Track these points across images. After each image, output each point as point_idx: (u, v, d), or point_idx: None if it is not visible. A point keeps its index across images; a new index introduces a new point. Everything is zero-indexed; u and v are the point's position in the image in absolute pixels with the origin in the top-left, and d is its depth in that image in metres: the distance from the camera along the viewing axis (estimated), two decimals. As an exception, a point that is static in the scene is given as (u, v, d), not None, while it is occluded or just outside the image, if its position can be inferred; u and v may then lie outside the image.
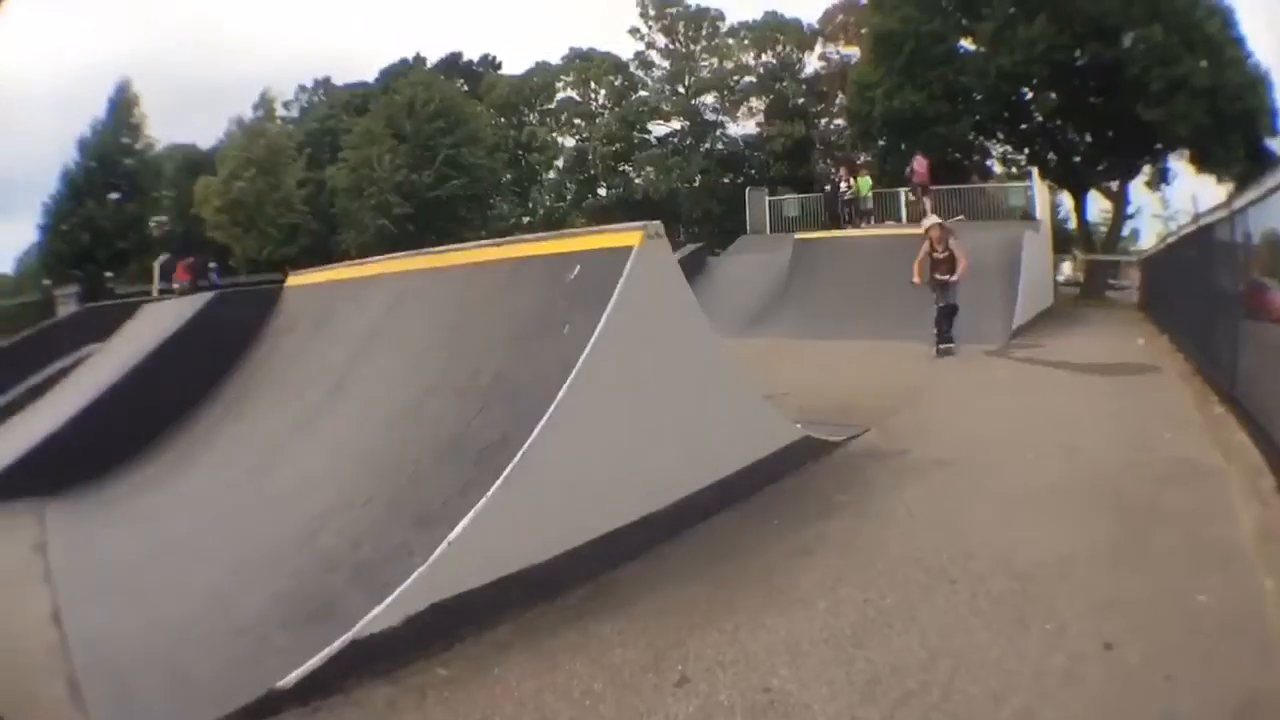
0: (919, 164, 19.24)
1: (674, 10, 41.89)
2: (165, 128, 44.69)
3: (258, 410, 6.16)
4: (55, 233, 39.32)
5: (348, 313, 6.47)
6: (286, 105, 41.99)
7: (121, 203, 38.20)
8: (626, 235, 4.27)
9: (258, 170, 34.78)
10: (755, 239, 20.26)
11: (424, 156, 35.61)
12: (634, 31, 42.08)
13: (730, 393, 4.70)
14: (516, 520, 3.41)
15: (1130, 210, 29.10)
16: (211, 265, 25.70)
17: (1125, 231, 32.04)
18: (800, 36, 40.69)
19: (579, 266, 4.30)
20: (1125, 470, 5.08)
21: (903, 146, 23.97)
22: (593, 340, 3.80)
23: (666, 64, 42.05)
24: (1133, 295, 20.88)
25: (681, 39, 42.12)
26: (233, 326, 7.27)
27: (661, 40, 42.10)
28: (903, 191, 20.57)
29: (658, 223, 4.37)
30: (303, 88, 45.19)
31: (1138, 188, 27.39)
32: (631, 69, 42.47)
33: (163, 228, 16.91)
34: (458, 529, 3.25)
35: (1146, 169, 25.76)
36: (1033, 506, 4.58)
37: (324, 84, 47.61)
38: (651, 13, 41.84)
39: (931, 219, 11.57)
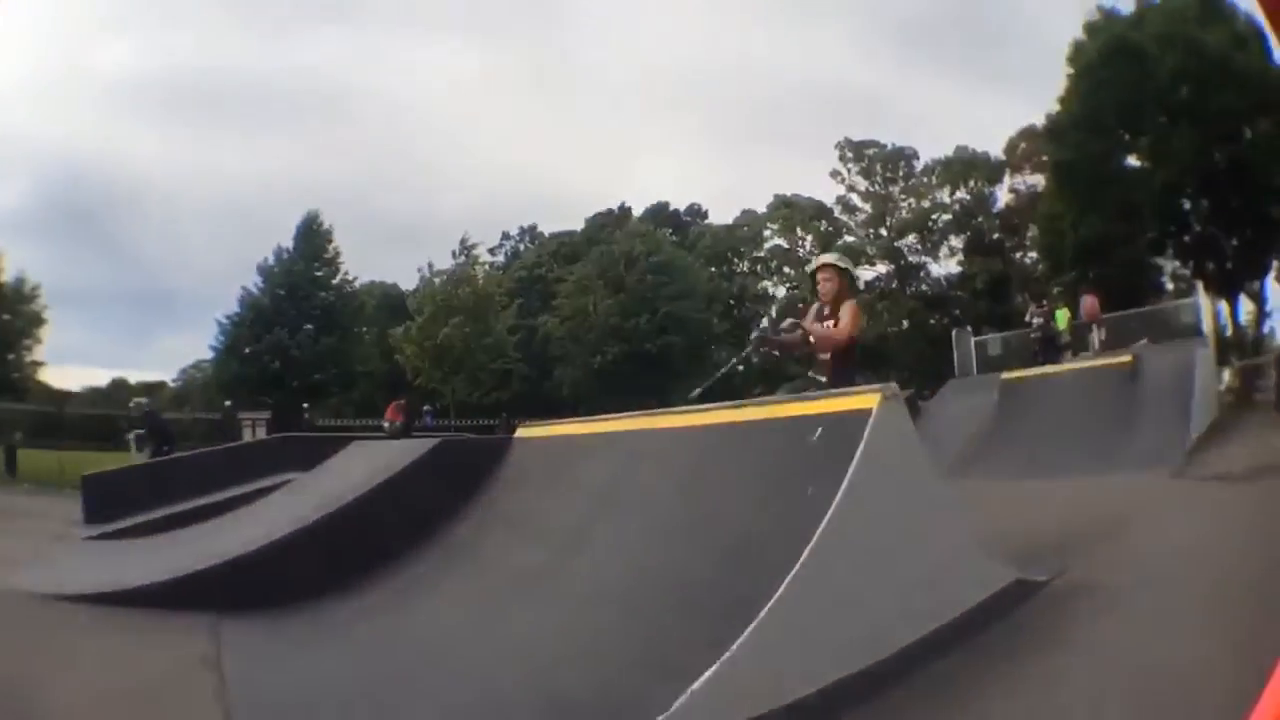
0: (1088, 302, 19.91)
1: (871, 151, 43.82)
2: (356, 262, 47.25)
3: (485, 558, 6.30)
4: (234, 355, 43.36)
5: (582, 468, 6.67)
6: (492, 251, 44.70)
7: (315, 335, 41.68)
8: (865, 398, 4.50)
9: (465, 316, 36.89)
10: (963, 381, 21.00)
11: (640, 306, 37.99)
12: (835, 174, 44.43)
13: (952, 541, 4.77)
14: (757, 672, 3.48)
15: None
16: (426, 408, 27.62)
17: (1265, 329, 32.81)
18: (989, 169, 42.12)
19: (820, 429, 4.51)
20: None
21: (1090, 275, 25.44)
22: (836, 501, 3.95)
23: (867, 206, 43.91)
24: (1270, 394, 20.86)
25: (880, 180, 44.07)
26: (460, 472, 7.56)
27: (862, 183, 44.25)
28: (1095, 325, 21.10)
29: (893, 385, 4.57)
30: (506, 234, 48.53)
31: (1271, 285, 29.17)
32: (836, 213, 44.54)
33: (141, 408, 19.78)
34: (701, 680, 3.29)
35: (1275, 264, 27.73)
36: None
37: (530, 231, 50.99)
38: (849, 155, 43.90)
39: (825, 257, 7.35)
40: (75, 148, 69.15)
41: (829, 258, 6.99)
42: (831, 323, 6.52)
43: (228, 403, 31.22)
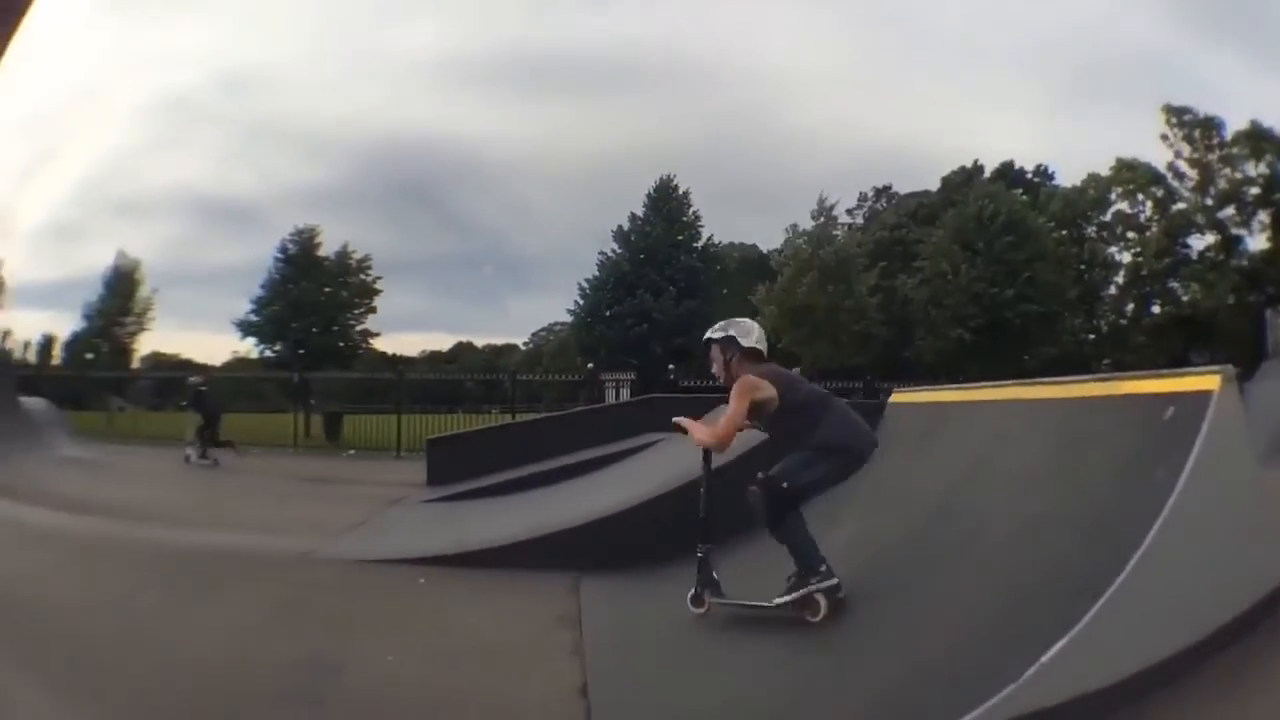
0: None
1: (1188, 117, 42.98)
2: (715, 226, 50.24)
3: (852, 523, 6.68)
4: (596, 318, 46.48)
5: (951, 436, 7.06)
6: (850, 212, 45.97)
7: (678, 298, 43.87)
8: (1204, 378, 4.74)
9: (825, 277, 38.72)
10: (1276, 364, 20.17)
11: (998, 271, 38.29)
12: (1164, 138, 43.95)
13: (1265, 525, 4.88)
14: (1101, 649, 3.80)
15: None
16: (794, 370, 28.47)
17: None
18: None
19: (1172, 408, 4.77)
20: None
21: None
22: (1181, 481, 4.24)
23: (1194, 174, 43.26)
24: None
25: (1200, 146, 43.18)
26: None
27: (1186, 149, 43.50)
28: None
29: (1229, 367, 4.76)
30: (864, 195, 48.82)
31: None
32: (1168, 180, 43.95)
33: (193, 387, 21.05)
34: (1051, 651, 3.64)
35: None
36: None
37: (885, 191, 51.14)
38: (1174, 120, 43.25)
39: (711, 331, 6.26)
40: (410, 127, 77.70)
41: (711, 332, 6.25)
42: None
43: (590, 364, 33.41)
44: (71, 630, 5.66)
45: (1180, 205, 43.48)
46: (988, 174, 48.49)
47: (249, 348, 45.77)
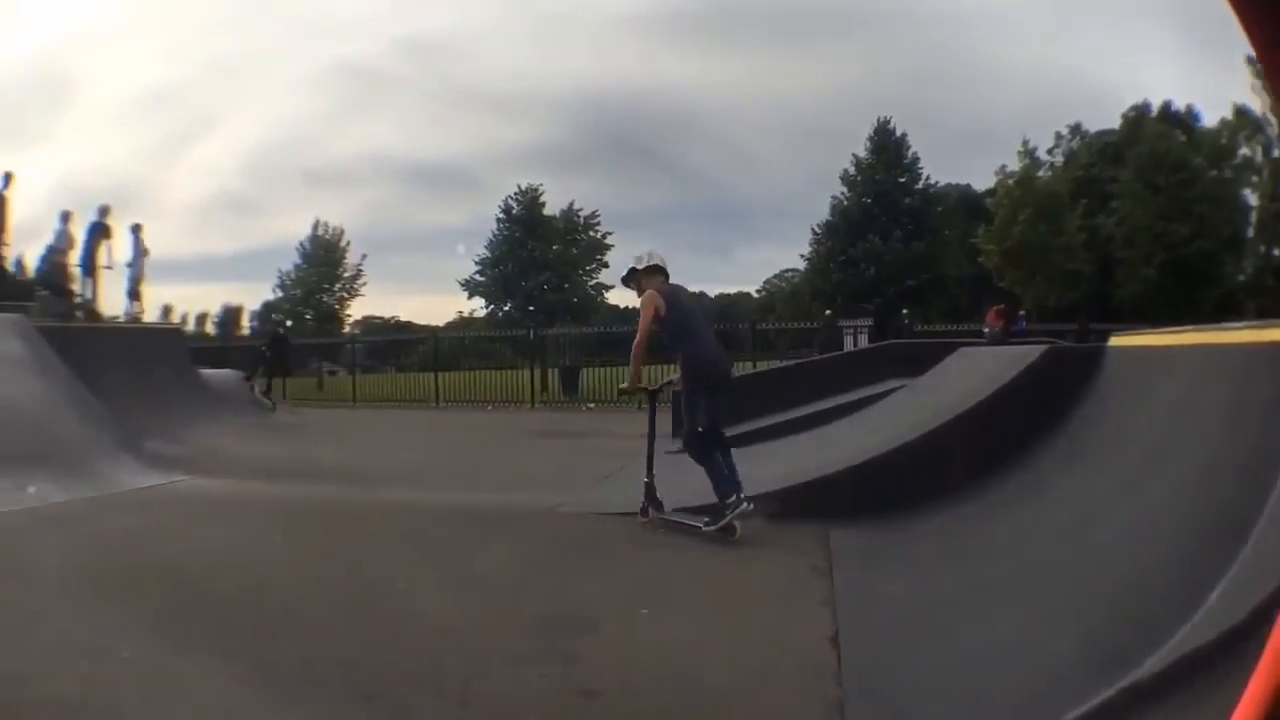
0: None
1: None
2: (929, 166, 48.90)
3: (1079, 468, 6.55)
4: (830, 263, 45.98)
5: (1167, 382, 6.73)
6: (1050, 151, 44.26)
7: (905, 240, 42.89)
8: None
9: (1037, 216, 38.17)
10: None
11: (1174, 208, 37.95)
12: (1253, 89, 40.00)
13: None
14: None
15: None
16: (1021, 313, 27.84)
17: None
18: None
19: None
20: None
21: None
22: None
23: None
24: None
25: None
26: (1063, 380, 7.79)
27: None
28: None
29: None
30: (1060, 134, 46.55)
31: None
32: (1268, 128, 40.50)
33: (271, 334, 20.71)
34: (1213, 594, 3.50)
35: None
36: None
37: (1077, 130, 48.62)
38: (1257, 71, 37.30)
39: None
40: (619, 81, 77.99)
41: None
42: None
43: (828, 311, 33.07)
44: (308, 599, 5.86)
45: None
46: (1154, 113, 46.11)
47: (476, 307, 47.32)
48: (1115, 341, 8.32)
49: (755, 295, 69.20)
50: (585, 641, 4.89)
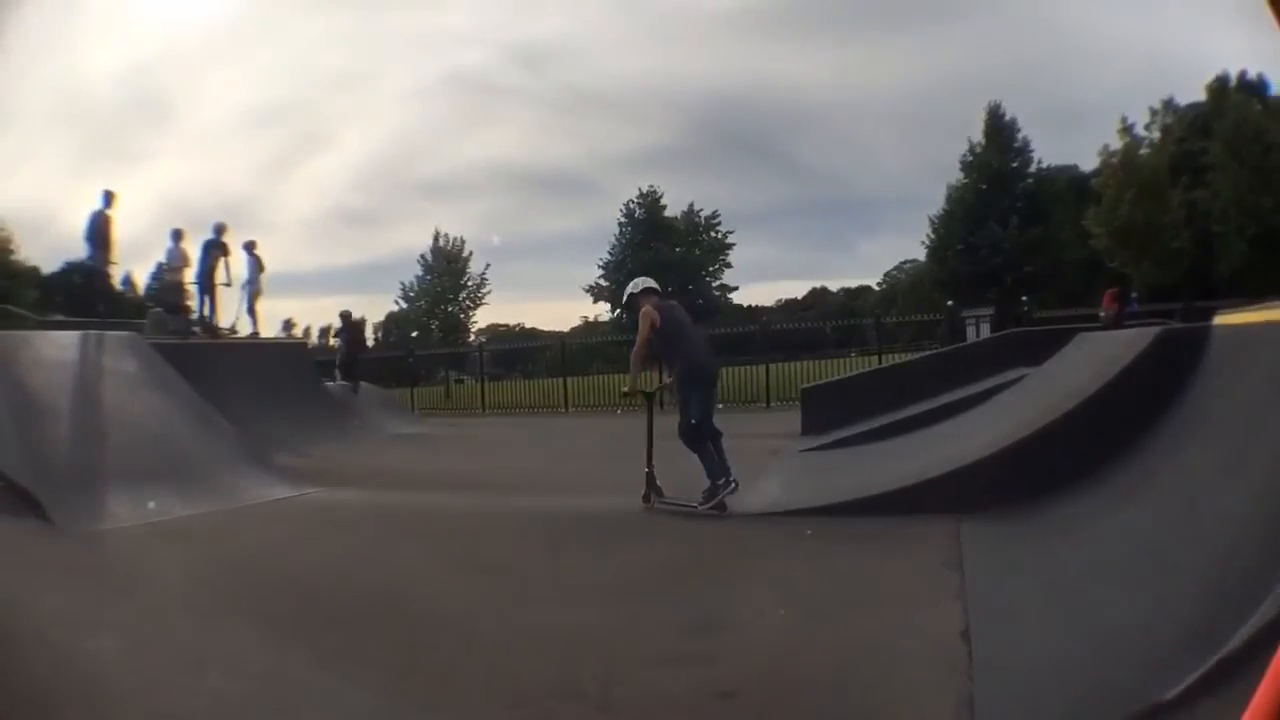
0: None
1: None
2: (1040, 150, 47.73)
3: (1188, 451, 6.35)
4: (949, 251, 44.97)
5: (1264, 356, 6.48)
6: (1147, 128, 42.53)
7: (1021, 225, 41.69)
8: None
9: (1140, 195, 36.99)
10: None
11: (1259, 181, 36.40)
12: None
13: None
14: None
15: None
16: (1133, 295, 27.02)
17: None
18: None
19: None
20: None
21: None
22: None
23: None
24: None
25: None
26: (1177, 363, 7.55)
27: None
28: None
29: None
30: (1154, 110, 44.63)
31: None
32: None
33: (349, 317, 20.22)
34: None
35: None
36: None
37: (1169, 105, 46.51)
38: None
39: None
40: (729, 79, 77.17)
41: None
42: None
43: (950, 302, 32.60)
44: (444, 608, 5.88)
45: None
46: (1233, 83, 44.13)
47: (600, 312, 47.62)
48: (1219, 320, 8.11)
49: (877, 288, 68.20)
50: (722, 642, 4.89)
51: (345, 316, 22.49)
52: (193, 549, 7.70)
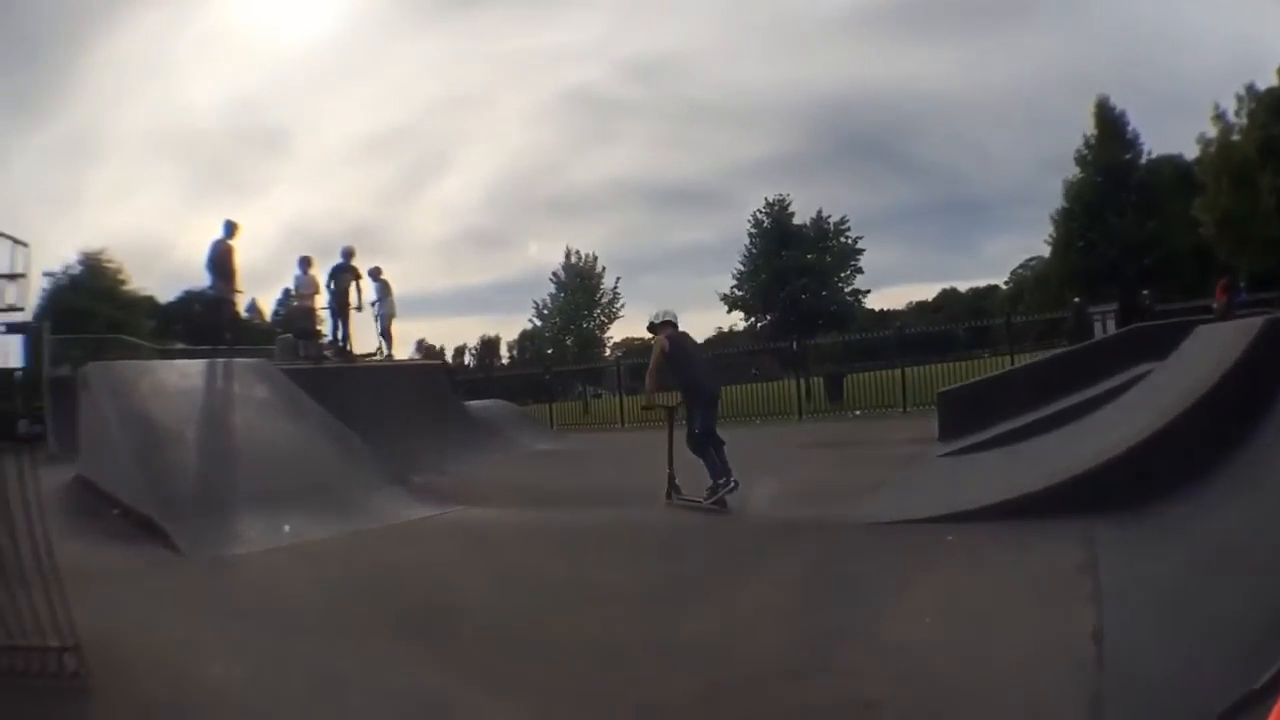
0: None
1: None
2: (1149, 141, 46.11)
3: None
4: (1069, 248, 43.27)
5: None
6: (1236, 114, 40.31)
7: (1138, 219, 40.36)
8: None
9: (1234, 182, 35.77)
10: None
11: None
12: None
13: None
14: None
15: None
16: (1241, 285, 25.86)
17: None
18: None
19: None
20: None
21: None
22: None
23: None
24: None
25: None
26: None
27: None
28: None
29: None
30: (1239, 96, 42.21)
31: None
32: None
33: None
34: None
35: None
36: None
37: (1251, 90, 43.81)
38: None
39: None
40: (842, 83, 75.96)
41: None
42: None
43: (1077, 299, 31.64)
44: (586, 624, 5.89)
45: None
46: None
47: (735, 321, 46.94)
48: None
49: (1004, 287, 66.48)
50: (865, 652, 4.86)
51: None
52: (326, 570, 7.74)
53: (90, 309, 34.33)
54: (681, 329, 10.41)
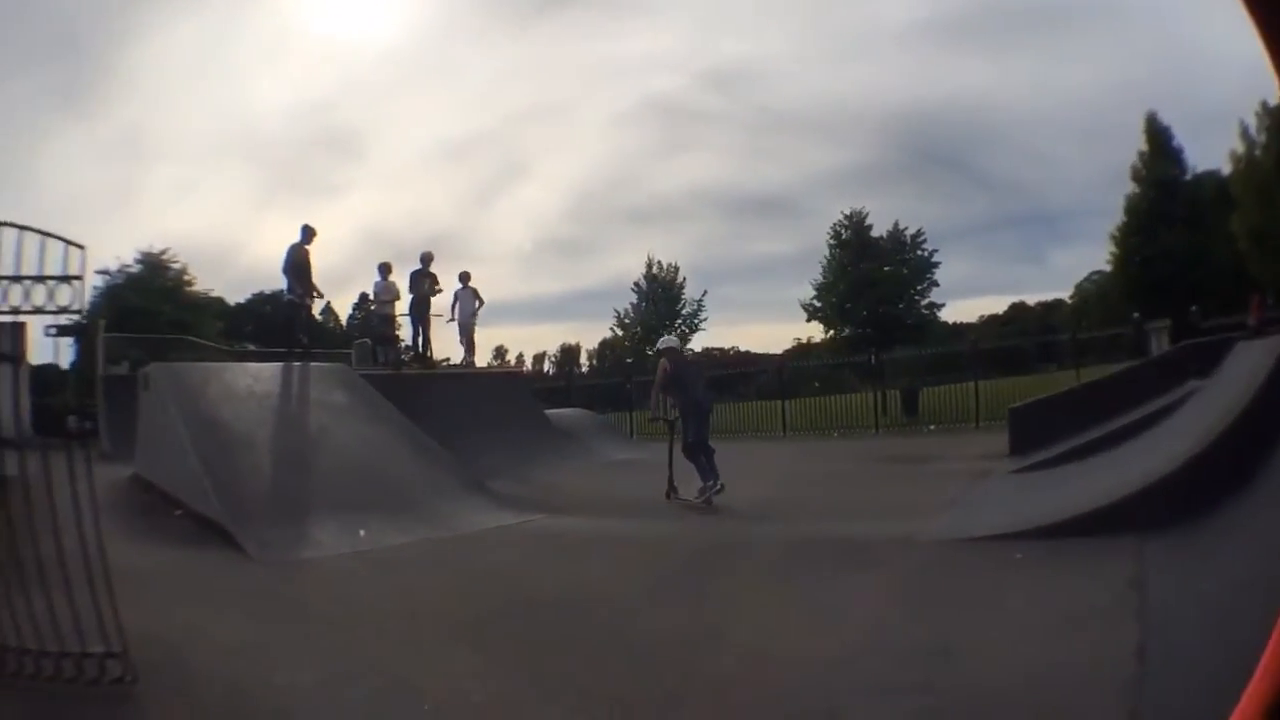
0: None
1: None
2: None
3: None
4: (1128, 263, 42.19)
5: None
6: (1258, 131, 39.00)
7: (1186, 233, 39.60)
8: None
9: (1259, 198, 34.76)
10: None
11: None
12: None
13: None
14: None
15: None
16: (1269, 300, 25.36)
17: None
18: None
19: None
20: None
21: None
22: None
23: None
24: None
25: None
26: None
27: None
28: None
29: None
30: (1257, 114, 40.92)
31: None
32: None
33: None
34: None
35: None
36: None
37: (1265, 106, 42.51)
38: None
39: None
40: (919, 94, 74.59)
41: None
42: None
43: (1135, 314, 31.28)
44: (668, 636, 5.79)
45: None
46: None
47: (813, 332, 46.84)
48: None
49: (1069, 301, 65.14)
50: (943, 671, 4.77)
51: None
52: (402, 577, 7.55)
53: (150, 308, 33.65)
54: (684, 352, 11.58)
